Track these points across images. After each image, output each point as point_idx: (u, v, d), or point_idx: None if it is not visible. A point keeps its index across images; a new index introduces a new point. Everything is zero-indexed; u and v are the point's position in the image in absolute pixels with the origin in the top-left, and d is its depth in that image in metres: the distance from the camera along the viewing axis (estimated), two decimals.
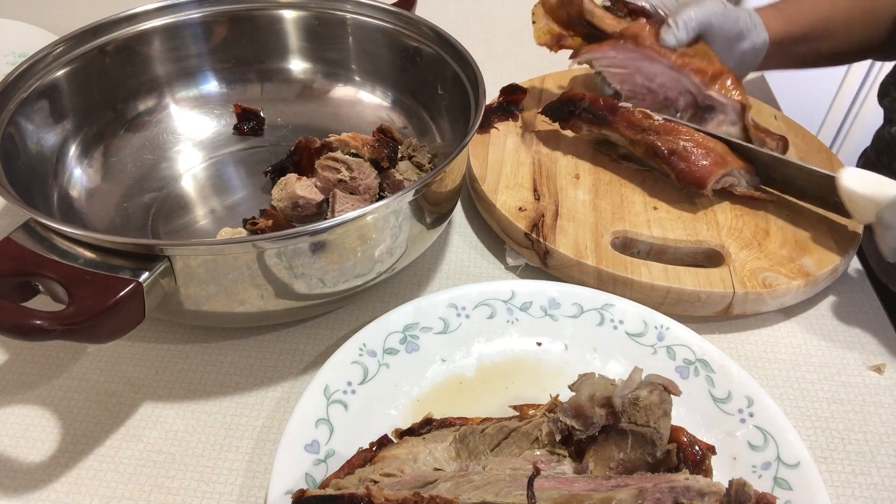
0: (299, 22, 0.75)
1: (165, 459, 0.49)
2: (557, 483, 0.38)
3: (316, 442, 0.46)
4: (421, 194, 0.52)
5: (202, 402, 0.53)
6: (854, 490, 0.49)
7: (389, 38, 0.73)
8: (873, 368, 0.57)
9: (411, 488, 0.39)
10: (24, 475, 0.48)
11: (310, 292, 0.52)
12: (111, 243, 0.45)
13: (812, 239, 0.64)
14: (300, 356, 0.57)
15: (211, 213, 0.66)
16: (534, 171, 0.70)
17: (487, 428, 0.44)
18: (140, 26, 0.69)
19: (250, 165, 0.71)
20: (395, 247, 0.53)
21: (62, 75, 0.63)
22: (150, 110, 0.72)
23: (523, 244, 0.64)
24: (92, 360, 0.55)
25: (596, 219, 0.65)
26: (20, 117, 0.59)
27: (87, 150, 0.66)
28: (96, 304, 0.42)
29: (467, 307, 0.56)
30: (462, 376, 0.53)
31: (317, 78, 0.78)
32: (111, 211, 0.64)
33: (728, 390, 0.50)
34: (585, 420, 0.42)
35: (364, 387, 0.50)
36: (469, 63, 0.63)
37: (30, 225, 0.46)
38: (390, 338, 0.53)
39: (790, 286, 0.59)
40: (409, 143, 0.64)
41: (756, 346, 0.59)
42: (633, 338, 0.54)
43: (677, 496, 0.36)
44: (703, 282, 0.58)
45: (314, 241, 0.48)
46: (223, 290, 0.48)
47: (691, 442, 0.42)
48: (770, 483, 0.45)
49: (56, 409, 0.52)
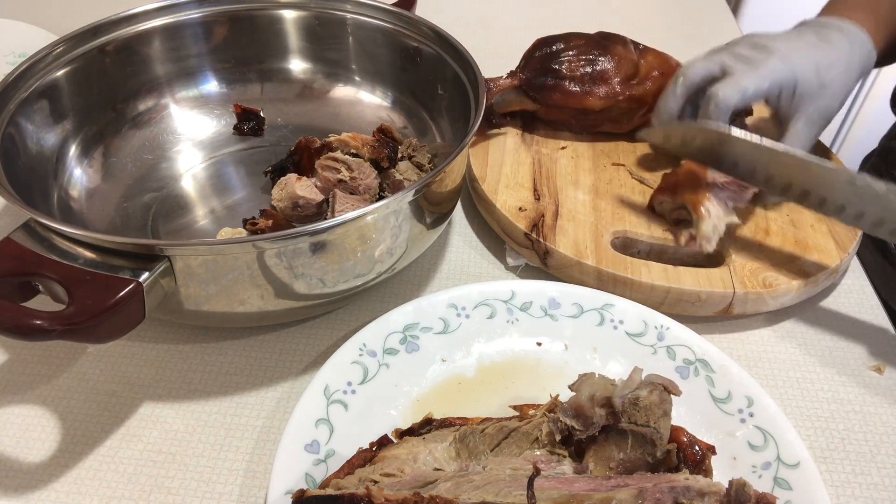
0: (299, 22, 0.75)
1: (165, 459, 0.49)
2: (557, 483, 0.38)
3: (316, 442, 0.46)
4: (421, 194, 0.52)
5: (202, 402, 0.53)
6: (854, 490, 0.49)
7: (389, 38, 0.73)
8: (873, 368, 0.57)
9: (411, 488, 0.39)
10: (24, 475, 0.48)
11: (310, 292, 0.51)
12: (111, 243, 0.45)
13: (812, 239, 0.64)
14: (300, 356, 0.57)
15: (211, 213, 0.66)
16: (534, 171, 0.70)
17: (487, 428, 0.44)
18: (140, 26, 0.69)
19: (250, 165, 0.71)
20: (395, 247, 0.53)
21: (62, 75, 0.63)
22: (150, 110, 0.72)
23: (523, 244, 0.64)
24: (92, 360, 0.55)
25: (596, 219, 0.65)
26: (20, 117, 0.59)
27: (87, 150, 0.66)
28: (96, 304, 0.42)
29: (467, 307, 0.56)
30: (462, 376, 0.53)
31: (317, 78, 0.78)
32: (111, 211, 0.64)
33: (728, 390, 0.50)
34: (585, 420, 0.42)
35: (364, 387, 0.50)
36: (469, 63, 0.63)
37: (30, 225, 0.46)
38: (390, 338, 0.53)
39: (790, 286, 0.59)
40: (409, 143, 0.64)
41: (756, 346, 0.59)
42: (633, 338, 0.54)
43: (677, 496, 0.36)
44: (703, 282, 0.58)
45: (314, 241, 0.48)
46: (223, 290, 0.48)
47: (691, 442, 0.42)
48: (770, 483, 0.45)
49: (56, 409, 0.52)
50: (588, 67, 0.71)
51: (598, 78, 0.71)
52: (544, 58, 0.72)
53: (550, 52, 0.72)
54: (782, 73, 0.60)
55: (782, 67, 0.60)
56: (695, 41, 1.06)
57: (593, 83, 0.71)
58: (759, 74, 0.60)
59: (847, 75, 0.62)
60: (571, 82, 0.71)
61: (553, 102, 0.72)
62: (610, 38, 0.74)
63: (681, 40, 1.06)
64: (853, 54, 0.62)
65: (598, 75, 0.71)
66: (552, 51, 0.72)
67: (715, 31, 1.09)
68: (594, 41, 0.73)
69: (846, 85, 0.62)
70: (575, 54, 0.71)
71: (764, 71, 0.60)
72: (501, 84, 0.72)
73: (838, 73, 0.61)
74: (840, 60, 0.61)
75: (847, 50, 0.62)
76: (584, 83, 0.71)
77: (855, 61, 0.62)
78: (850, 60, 0.62)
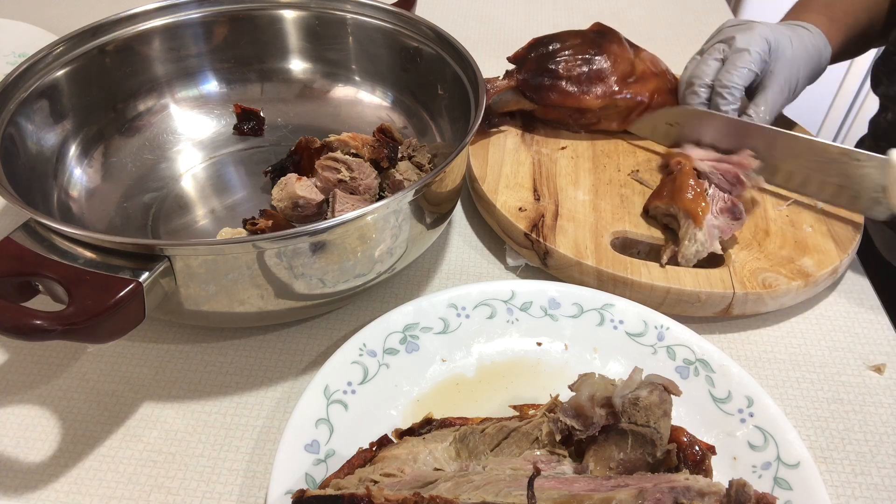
0: (299, 22, 0.75)
1: (165, 459, 0.49)
2: (557, 483, 0.38)
3: (316, 442, 0.46)
4: (421, 194, 0.52)
5: (202, 402, 0.53)
6: (854, 490, 0.49)
7: (389, 38, 0.73)
8: (873, 368, 0.57)
9: (411, 488, 0.39)
10: (24, 475, 0.48)
11: (310, 292, 0.51)
12: (111, 243, 0.45)
13: (812, 239, 0.64)
14: (300, 356, 0.57)
15: (211, 213, 0.66)
16: (534, 171, 0.70)
17: (487, 428, 0.44)
18: (140, 26, 0.69)
19: (250, 165, 0.71)
20: (395, 247, 0.53)
21: (62, 75, 0.63)
22: (150, 110, 0.72)
23: (523, 244, 0.64)
24: (92, 360, 0.55)
25: (596, 219, 0.65)
26: (20, 117, 0.59)
27: (87, 150, 0.66)
28: (96, 304, 0.42)
29: (467, 307, 0.56)
30: (462, 376, 0.53)
31: (317, 78, 0.78)
32: (111, 211, 0.64)
33: (728, 390, 0.50)
34: (585, 420, 0.42)
35: (364, 387, 0.50)
36: (469, 63, 0.63)
37: (30, 225, 0.46)
38: (390, 338, 0.53)
39: (790, 287, 0.59)
40: (409, 143, 0.64)
41: (756, 346, 0.59)
42: (633, 338, 0.54)
43: (677, 496, 0.36)
44: (703, 282, 0.58)
45: (314, 241, 0.48)
46: (223, 290, 0.48)
47: (691, 442, 0.42)
48: (770, 483, 0.45)
49: (56, 409, 0.52)
50: (584, 67, 0.71)
51: (594, 77, 0.71)
52: (540, 58, 0.72)
53: (546, 51, 0.72)
54: (768, 34, 0.69)
55: (767, 30, 0.70)
56: (695, 41, 1.06)
57: (590, 83, 0.71)
58: (753, 34, 0.69)
59: (808, 56, 0.72)
60: (568, 82, 0.71)
61: (550, 102, 0.72)
62: (605, 35, 0.74)
63: (681, 40, 1.06)
64: (816, 40, 0.73)
65: (594, 74, 0.71)
66: (548, 51, 0.72)
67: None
68: (590, 39, 0.73)
69: (808, 64, 0.72)
70: (571, 54, 0.71)
71: (756, 32, 0.69)
72: (499, 85, 0.72)
73: (805, 48, 0.71)
74: (804, 40, 0.72)
75: (809, 36, 0.73)
76: (580, 83, 0.71)
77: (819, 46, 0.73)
78: (814, 44, 0.72)
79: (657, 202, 0.65)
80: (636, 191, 0.69)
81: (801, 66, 0.71)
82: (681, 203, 0.62)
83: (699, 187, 0.62)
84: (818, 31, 0.73)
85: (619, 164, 0.72)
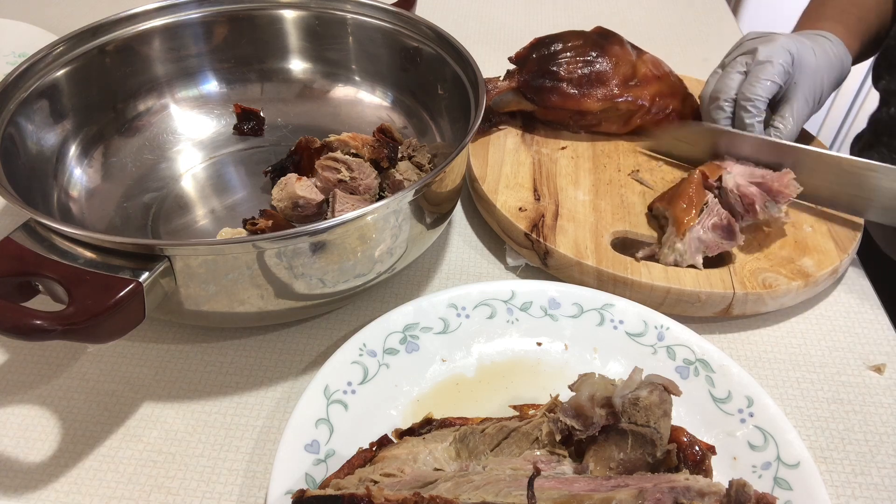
0: (299, 22, 0.75)
1: (165, 459, 0.49)
2: (557, 483, 0.38)
3: (316, 442, 0.46)
4: (421, 194, 0.52)
5: (202, 402, 0.53)
6: (854, 490, 0.49)
7: (389, 38, 0.73)
8: (873, 368, 0.57)
9: (411, 488, 0.39)
10: (24, 475, 0.48)
11: (310, 292, 0.51)
12: (111, 243, 0.45)
13: (812, 239, 0.64)
14: (300, 356, 0.57)
15: (211, 213, 0.66)
16: (534, 171, 0.70)
17: (487, 428, 0.44)
18: (140, 26, 0.69)
19: (250, 165, 0.71)
20: (395, 247, 0.53)
21: (62, 75, 0.63)
22: (150, 110, 0.72)
23: (523, 244, 0.64)
24: (92, 360, 0.55)
25: (596, 219, 0.65)
26: (20, 117, 0.59)
27: (87, 150, 0.66)
28: (96, 304, 0.42)
29: (467, 307, 0.56)
30: (462, 376, 0.53)
31: (317, 78, 0.78)
32: (111, 211, 0.64)
33: (728, 390, 0.50)
34: (585, 420, 0.42)
35: (364, 387, 0.50)
36: (469, 63, 0.63)
37: (30, 225, 0.46)
38: (390, 338, 0.53)
39: (790, 287, 0.59)
40: (409, 143, 0.64)
41: (756, 346, 0.59)
42: (633, 338, 0.54)
43: (677, 496, 0.36)
44: (703, 282, 0.58)
45: (314, 241, 0.48)
46: (223, 290, 0.48)
47: (691, 442, 0.42)
48: (770, 483, 0.45)
49: (56, 409, 0.52)
50: (586, 69, 0.71)
51: (595, 80, 0.71)
52: (542, 59, 0.72)
53: (548, 52, 0.72)
54: (791, 45, 0.68)
55: (789, 41, 0.68)
56: (695, 41, 1.06)
57: (591, 85, 0.71)
58: (775, 45, 0.67)
59: (831, 65, 0.70)
60: (569, 84, 0.71)
61: (551, 104, 0.72)
62: (607, 37, 0.74)
63: (681, 40, 1.06)
64: (837, 49, 0.72)
65: (595, 77, 0.71)
66: (550, 51, 0.72)
67: (715, 31, 1.09)
68: (592, 41, 0.73)
69: (831, 73, 0.71)
70: (572, 55, 0.71)
71: (779, 43, 0.68)
72: (500, 86, 0.72)
73: (827, 57, 0.70)
74: (826, 50, 0.71)
75: (830, 45, 0.71)
76: (581, 85, 0.71)
77: (840, 55, 0.72)
78: (836, 53, 0.71)
79: (658, 203, 0.65)
80: (636, 191, 0.69)
81: (825, 76, 0.70)
82: (672, 209, 0.62)
83: (697, 198, 0.62)
84: (838, 40, 0.72)
85: (620, 164, 0.72)
